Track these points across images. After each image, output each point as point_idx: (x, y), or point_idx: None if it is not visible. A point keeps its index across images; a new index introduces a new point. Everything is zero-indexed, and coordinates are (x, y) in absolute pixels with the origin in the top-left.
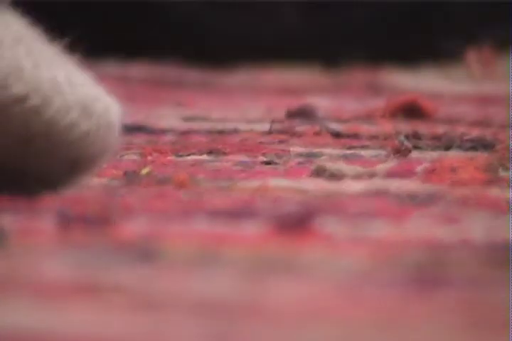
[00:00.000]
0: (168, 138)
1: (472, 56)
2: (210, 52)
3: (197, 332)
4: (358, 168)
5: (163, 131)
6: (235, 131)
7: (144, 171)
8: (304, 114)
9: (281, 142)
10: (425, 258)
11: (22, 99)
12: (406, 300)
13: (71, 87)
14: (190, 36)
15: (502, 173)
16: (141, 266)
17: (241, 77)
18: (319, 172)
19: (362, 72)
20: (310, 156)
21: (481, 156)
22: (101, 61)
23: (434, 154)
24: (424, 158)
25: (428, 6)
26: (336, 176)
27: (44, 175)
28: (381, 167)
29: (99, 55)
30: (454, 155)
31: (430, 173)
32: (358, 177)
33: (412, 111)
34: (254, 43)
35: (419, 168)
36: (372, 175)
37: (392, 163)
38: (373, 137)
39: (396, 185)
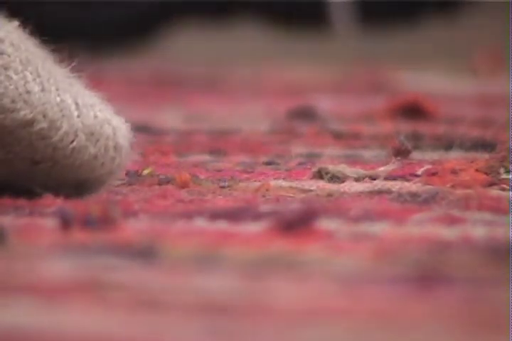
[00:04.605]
0: (170, 138)
1: (480, 55)
2: None
3: (198, 330)
4: (359, 171)
5: (165, 131)
6: (237, 131)
7: (146, 171)
8: (304, 113)
9: (282, 142)
10: (426, 258)
11: (29, 123)
12: (407, 299)
13: (79, 110)
14: None
15: (503, 175)
16: (142, 265)
17: (242, 76)
18: (321, 175)
19: (363, 71)
20: (311, 156)
21: (482, 158)
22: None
23: (435, 155)
24: (424, 160)
25: None
26: (337, 178)
27: (51, 193)
28: (383, 169)
29: None
30: (454, 156)
31: (432, 176)
32: (359, 179)
33: (413, 111)
34: None
35: (420, 171)
36: (374, 178)
37: (393, 166)
38: (374, 137)
39: (398, 186)
